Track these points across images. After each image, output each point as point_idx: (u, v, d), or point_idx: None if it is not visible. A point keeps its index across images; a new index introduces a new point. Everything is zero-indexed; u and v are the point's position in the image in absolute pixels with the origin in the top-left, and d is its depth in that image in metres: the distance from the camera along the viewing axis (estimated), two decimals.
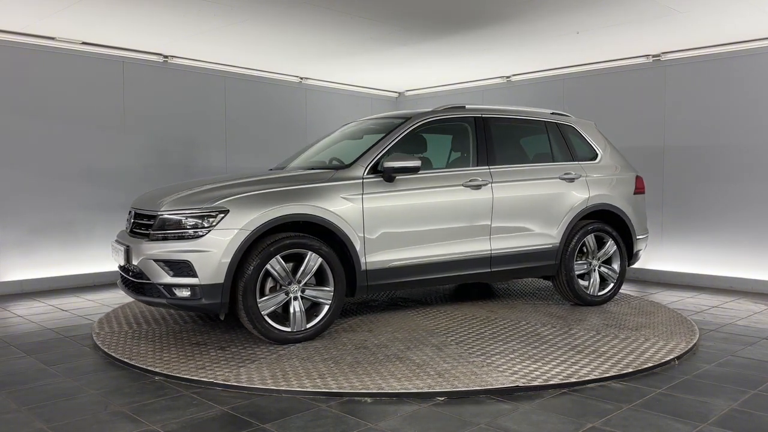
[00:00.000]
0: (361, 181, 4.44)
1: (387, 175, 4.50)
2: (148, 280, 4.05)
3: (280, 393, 3.29)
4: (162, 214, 4.09)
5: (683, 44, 6.59)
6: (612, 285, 5.56)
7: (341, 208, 4.30)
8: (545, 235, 5.19)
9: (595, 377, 3.48)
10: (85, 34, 6.31)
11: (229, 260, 3.92)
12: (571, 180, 5.34)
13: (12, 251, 6.34)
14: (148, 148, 7.28)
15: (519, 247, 5.08)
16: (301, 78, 8.60)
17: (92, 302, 5.87)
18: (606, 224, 5.49)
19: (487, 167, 5.00)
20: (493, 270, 5.00)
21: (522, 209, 5.09)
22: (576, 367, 3.64)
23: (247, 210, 4.02)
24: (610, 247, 5.51)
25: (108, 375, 3.68)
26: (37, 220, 6.49)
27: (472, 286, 6.44)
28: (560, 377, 3.44)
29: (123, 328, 4.70)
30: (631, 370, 3.61)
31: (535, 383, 3.36)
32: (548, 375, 3.49)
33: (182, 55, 7.29)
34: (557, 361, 3.76)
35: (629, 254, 5.69)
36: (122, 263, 4.32)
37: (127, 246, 4.21)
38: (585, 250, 5.46)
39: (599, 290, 5.50)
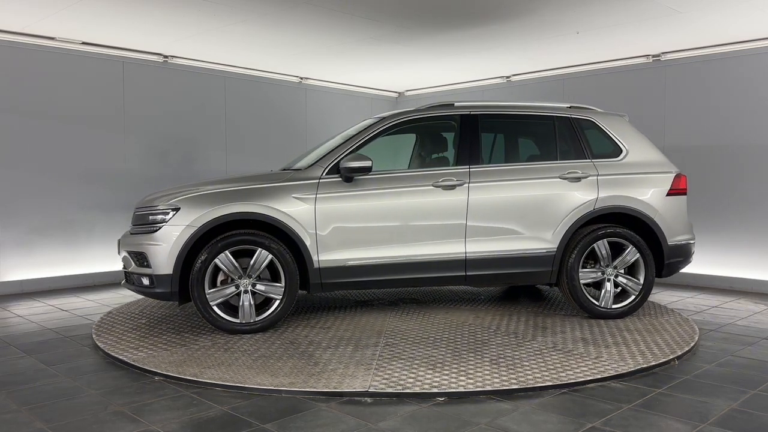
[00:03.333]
0: (317, 181, 4.56)
1: (344, 176, 4.55)
2: (126, 268, 4.64)
3: (280, 393, 3.29)
4: (136, 211, 4.66)
5: (683, 44, 6.59)
6: (632, 297, 4.90)
7: (292, 207, 4.46)
8: (537, 239, 4.79)
9: (593, 377, 3.48)
10: (85, 34, 6.32)
11: (177, 253, 4.30)
12: (577, 180, 4.86)
13: (12, 251, 6.34)
14: (148, 149, 7.28)
15: (502, 250, 4.76)
16: (301, 78, 8.60)
17: (92, 302, 5.87)
18: (626, 228, 4.88)
19: (467, 167, 4.78)
20: (468, 274, 4.74)
21: (506, 211, 4.76)
22: (464, 378, 3.43)
23: (195, 208, 4.37)
24: (631, 254, 4.86)
25: (108, 375, 3.68)
26: (37, 220, 6.49)
27: (520, 290, 6.13)
28: (441, 387, 3.29)
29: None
30: (631, 369, 3.60)
31: (418, 390, 3.27)
32: (427, 384, 3.34)
33: (182, 55, 7.29)
34: (458, 370, 3.56)
35: (659, 263, 5.00)
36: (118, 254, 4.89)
37: (119, 239, 4.81)
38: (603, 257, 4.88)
39: (615, 302, 4.88)
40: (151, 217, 4.45)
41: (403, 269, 4.65)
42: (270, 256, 4.39)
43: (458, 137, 4.93)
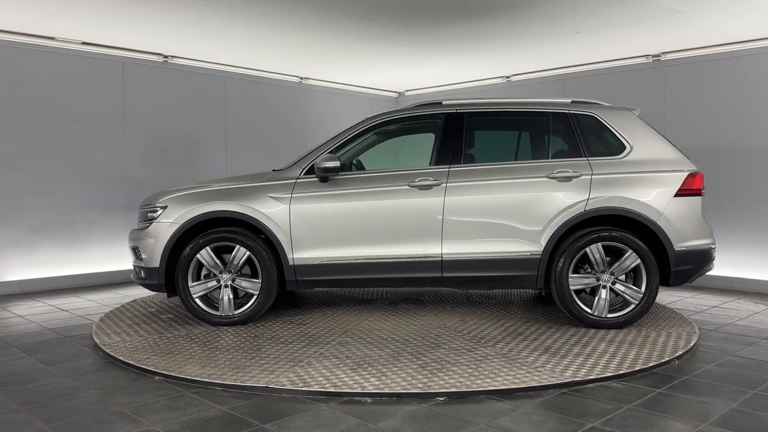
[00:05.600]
0: (293, 181, 4.71)
1: (319, 176, 4.65)
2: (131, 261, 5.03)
3: (280, 393, 3.29)
4: (139, 209, 4.97)
5: (683, 44, 6.59)
6: (631, 307, 4.52)
7: (268, 206, 4.63)
8: (521, 242, 4.55)
9: (593, 377, 3.48)
10: (85, 34, 6.32)
11: (162, 248, 4.61)
12: (567, 179, 4.55)
13: (12, 251, 6.34)
14: (148, 149, 7.28)
15: (481, 252, 4.58)
16: (301, 78, 8.60)
17: (92, 302, 5.87)
18: (629, 231, 4.51)
19: (446, 166, 4.67)
20: (445, 275, 4.62)
21: (485, 212, 4.58)
22: (375, 380, 3.41)
23: (179, 206, 4.68)
24: (630, 259, 4.48)
25: (108, 375, 3.68)
26: (37, 220, 6.49)
27: (549, 295, 5.68)
28: (340, 388, 3.28)
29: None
30: (631, 369, 3.60)
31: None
32: (330, 384, 3.35)
33: (182, 55, 7.29)
34: (377, 371, 3.54)
35: (666, 270, 4.57)
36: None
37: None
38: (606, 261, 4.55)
39: (611, 311, 4.54)
40: (149, 214, 4.77)
41: (377, 269, 4.64)
42: (247, 253, 4.61)
43: (441, 136, 4.84)
